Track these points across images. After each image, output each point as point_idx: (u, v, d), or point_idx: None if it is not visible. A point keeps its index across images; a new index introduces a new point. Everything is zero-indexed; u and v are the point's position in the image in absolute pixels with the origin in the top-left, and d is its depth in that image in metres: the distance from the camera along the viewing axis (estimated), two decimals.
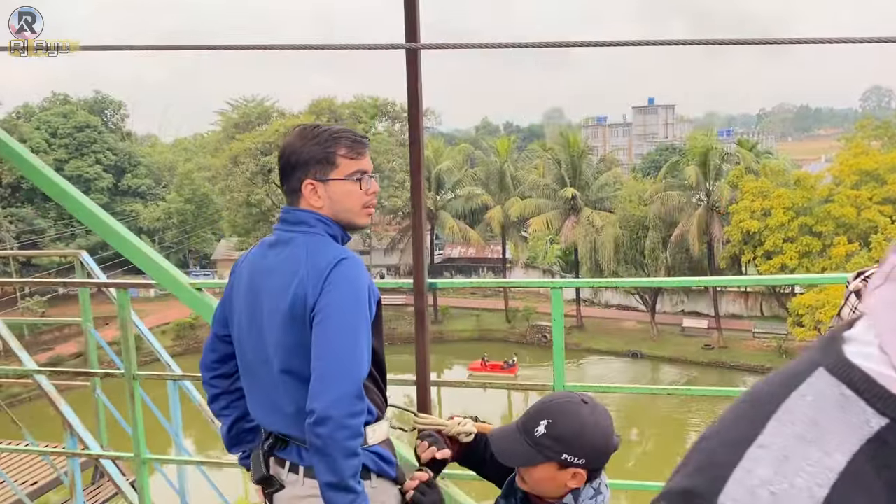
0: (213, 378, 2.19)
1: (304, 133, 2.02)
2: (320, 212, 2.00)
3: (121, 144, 47.14)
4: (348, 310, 1.85)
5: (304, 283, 1.88)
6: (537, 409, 1.84)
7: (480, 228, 41.51)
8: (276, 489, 2.03)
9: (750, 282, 6.52)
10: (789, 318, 29.61)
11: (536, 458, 1.79)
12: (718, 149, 35.93)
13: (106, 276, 5.71)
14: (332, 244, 1.98)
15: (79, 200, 3.44)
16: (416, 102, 2.98)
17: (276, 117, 43.43)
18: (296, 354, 1.91)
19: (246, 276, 2.06)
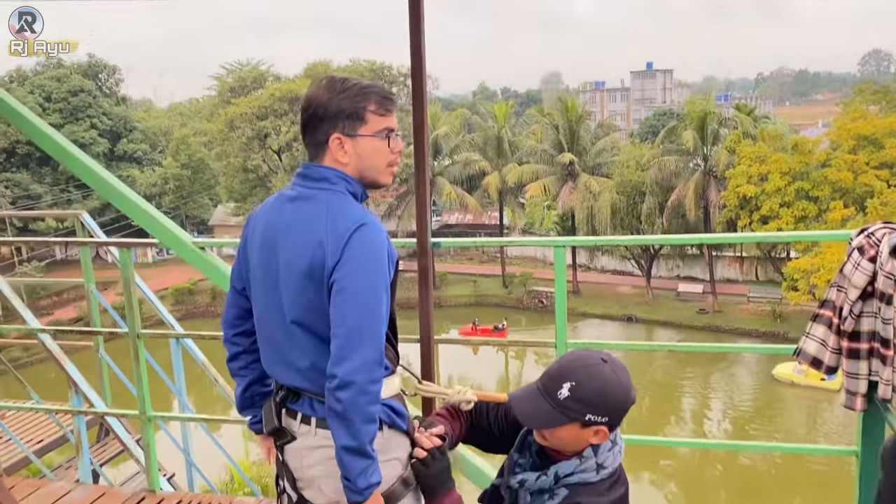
0: (234, 335, 2.18)
1: (332, 85, 1.97)
2: (344, 169, 1.97)
3: (116, 109, 46.70)
4: (368, 277, 1.84)
5: (323, 246, 1.86)
6: (559, 371, 1.83)
7: (478, 194, 41.40)
8: (287, 440, 2.05)
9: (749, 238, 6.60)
10: (784, 283, 29.73)
11: (561, 419, 1.79)
12: (716, 113, 35.75)
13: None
14: (352, 204, 1.95)
15: (81, 160, 3.43)
16: (420, 55, 2.95)
17: (271, 81, 43.01)
18: (314, 313, 1.91)
19: (262, 229, 2.02)
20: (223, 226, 46.30)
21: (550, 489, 1.85)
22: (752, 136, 33.57)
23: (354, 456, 1.83)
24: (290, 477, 2.07)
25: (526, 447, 1.98)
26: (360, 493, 1.86)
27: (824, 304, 2.90)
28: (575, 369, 1.80)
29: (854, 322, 2.73)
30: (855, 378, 2.79)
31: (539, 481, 1.85)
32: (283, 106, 39.28)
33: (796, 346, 2.96)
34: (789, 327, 30.37)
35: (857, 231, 2.80)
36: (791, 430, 23.55)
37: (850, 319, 2.73)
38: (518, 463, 1.96)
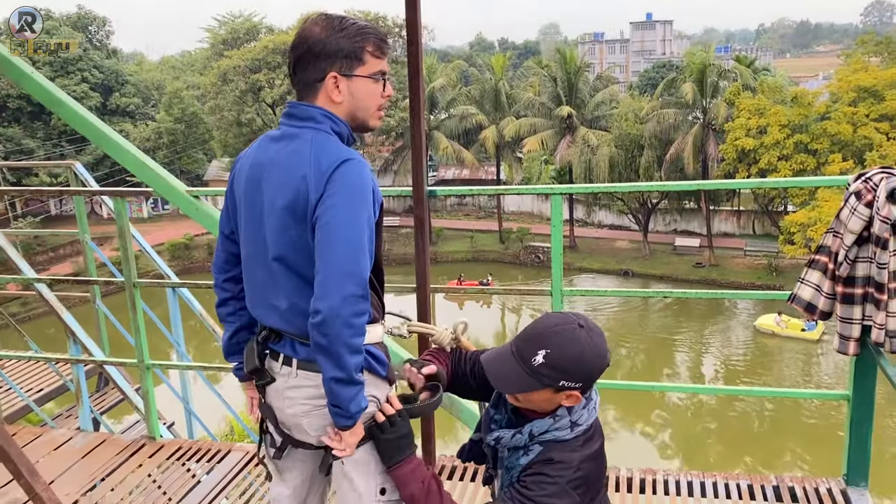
0: (224, 281, 2.17)
1: (330, 23, 1.94)
2: (335, 109, 1.95)
3: (107, 62, 46.03)
4: (351, 211, 1.82)
5: (306, 181, 1.85)
6: (534, 336, 1.79)
7: (475, 149, 41.13)
8: (267, 381, 2.07)
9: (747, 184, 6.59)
10: (780, 237, 29.81)
11: (533, 385, 1.77)
12: (716, 65, 35.36)
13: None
14: (337, 143, 1.93)
15: (75, 110, 3.39)
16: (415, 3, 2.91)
17: (264, 33, 42.35)
18: (297, 251, 1.90)
19: (247, 169, 2.01)
20: (218, 180, 46.03)
21: (525, 446, 1.85)
22: (751, 88, 33.28)
23: (342, 385, 1.84)
24: (273, 418, 2.10)
25: (501, 403, 1.97)
26: (350, 418, 1.89)
27: (820, 249, 2.90)
28: (550, 335, 1.76)
29: (849, 267, 2.74)
30: (849, 323, 2.81)
31: (514, 439, 1.85)
32: (277, 58, 38.75)
33: (791, 292, 2.97)
34: (785, 280, 30.54)
35: (854, 176, 2.79)
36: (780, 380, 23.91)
37: (845, 265, 2.73)
38: (494, 419, 1.95)
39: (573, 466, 1.78)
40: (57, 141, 41.77)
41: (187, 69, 52.48)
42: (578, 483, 1.77)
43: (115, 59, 48.78)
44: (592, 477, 1.82)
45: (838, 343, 2.88)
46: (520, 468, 1.84)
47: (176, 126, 44.36)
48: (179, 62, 57.82)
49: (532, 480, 1.78)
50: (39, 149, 41.47)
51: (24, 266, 3.91)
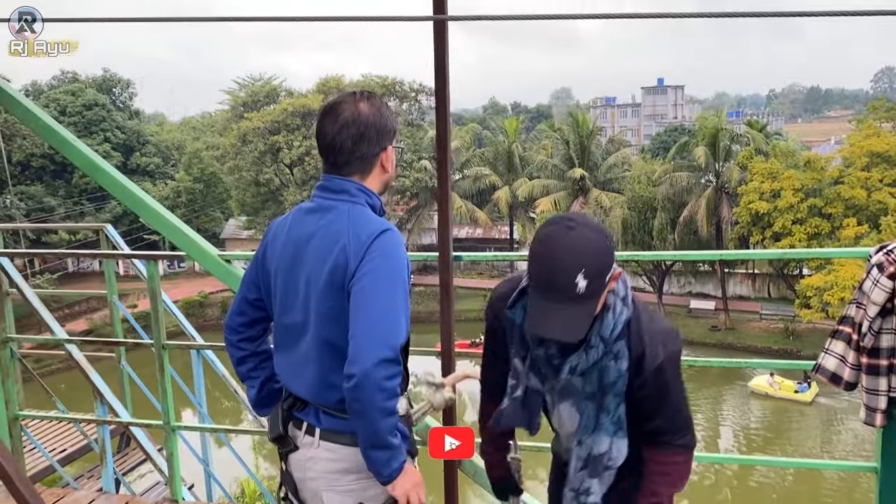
0: (239, 341, 2.20)
1: (377, 103, 2.05)
2: (381, 179, 2.07)
3: (129, 123, 47.15)
4: (387, 277, 1.88)
5: (345, 251, 1.91)
6: (556, 272, 1.67)
7: (488, 209, 41.48)
8: (290, 449, 2.08)
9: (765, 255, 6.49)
10: (797, 300, 29.58)
11: (596, 304, 1.73)
12: (728, 130, 35.74)
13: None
14: (373, 214, 2.01)
15: (113, 175, 3.51)
16: (444, 74, 3.01)
17: (284, 96, 43.32)
18: (332, 322, 1.94)
19: (284, 241, 2.07)
20: (234, 239, 46.52)
21: (607, 352, 1.81)
22: (764, 152, 33.53)
23: (378, 450, 1.87)
24: (293, 486, 2.11)
25: (535, 341, 1.89)
26: (388, 478, 1.92)
27: (843, 320, 2.92)
28: (565, 258, 1.66)
29: (873, 338, 2.75)
30: (875, 394, 2.81)
31: (591, 355, 1.81)
32: (296, 120, 39.55)
33: (815, 362, 2.98)
34: (802, 345, 30.17)
35: (876, 248, 2.83)
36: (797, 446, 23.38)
37: (869, 336, 2.75)
38: (549, 356, 1.88)
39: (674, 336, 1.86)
40: (78, 199, 42.50)
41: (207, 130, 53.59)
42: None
43: (137, 120, 49.97)
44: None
45: (865, 415, 2.87)
46: (622, 374, 1.81)
47: (195, 185, 45.09)
48: (200, 123, 59.11)
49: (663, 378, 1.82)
50: (60, 206, 42.18)
51: (55, 326, 3.99)
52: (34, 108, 3.62)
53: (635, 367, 1.81)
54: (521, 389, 1.97)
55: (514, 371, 1.99)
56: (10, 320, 3.89)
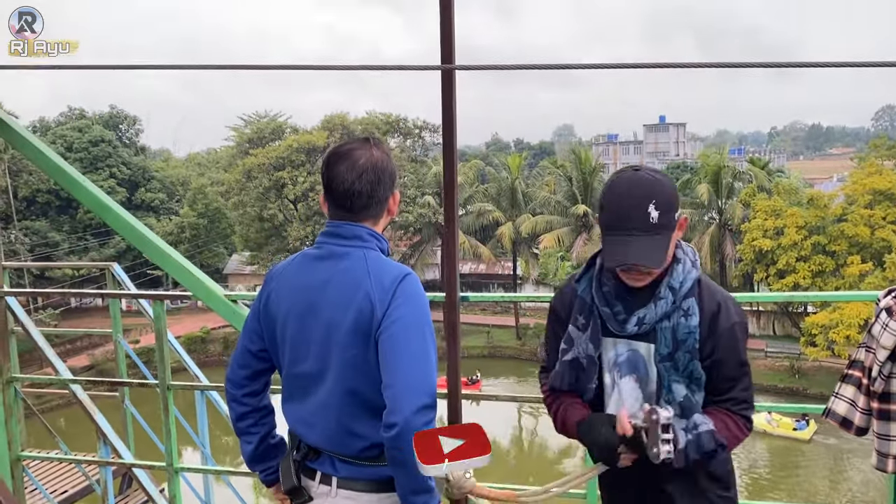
0: (244, 395, 2.15)
1: (383, 148, 2.08)
2: (386, 222, 2.09)
3: (135, 159, 47.55)
4: (416, 323, 1.88)
5: (370, 298, 1.89)
6: (628, 201, 1.78)
7: (491, 245, 41.53)
8: (304, 500, 2.05)
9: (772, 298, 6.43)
10: (802, 338, 29.43)
11: (670, 235, 1.83)
12: (730, 167, 35.98)
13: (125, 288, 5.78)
14: (390, 260, 2.02)
15: (120, 215, 3.53)
16: (451, 122, 3.05)
17: (289, 133, 43.72)
18: (356, 370, 1.92)
19: (291, 289, 2.04)
20: (237, 274, 46.56)
21: (678, 307, 1.85)
22: (766, 189, 33.68)
23: (419, 495, 1.88)
24: None
25: (602, 299, 1.93)
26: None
27: (853, 364, 2.90)
28: (636, 191, 1.78)
29: (884, 383, 2.73)
30: (886, 440, 2.78)
31: (659, 307, 1.84)
32: (301, 157, 39.86)
33: (825, 406, 2.96)
34: (809, 383, 29.92)
35: (884, 292, 2.82)
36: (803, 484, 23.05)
37: (879, 381, 2.73)
38: (615, 313, 1.91)
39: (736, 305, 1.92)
40: (82, 234, 42.68)
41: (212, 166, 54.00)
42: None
43: (143, 156, 50.40)
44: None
45: (876, 460, 2.84)
46: (693, 331, 1.84)
47: (199, 221, 45.28)
48: (205, 159, 59.57)
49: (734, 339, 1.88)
50: (64, 242, 42.34)
51: (59, 365, 3.97)
52: (41, 147, 3.65)
53: (709, 326, 1.86)
54: (571, 354, 1.98)
55: (567, 337, 2.00)
56: (14, 359, 3.88)
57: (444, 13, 2.78)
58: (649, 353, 1.91)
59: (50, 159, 3.57)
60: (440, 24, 2.83)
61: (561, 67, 2.14)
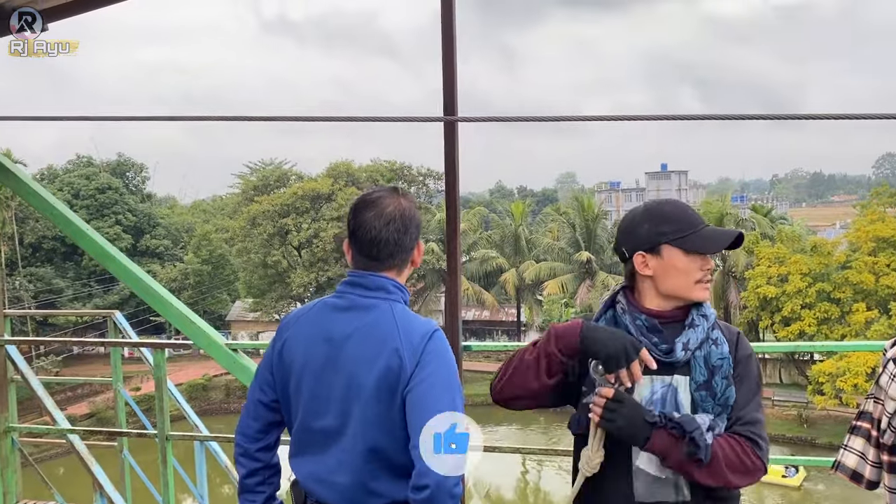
0: (258, 451, 2.08)
1: (408, 196, 2.08)
2: (408, 273, 2.07)
3: (141, 206, 47.91)
4: (445, 383, 1.85)
5: (399, 354, 1.86)
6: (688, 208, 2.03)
7: (495, 291, 41.52)
8: None
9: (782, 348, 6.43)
10: (809, 386, 29.13)
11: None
12: (733, 214, 36.14)
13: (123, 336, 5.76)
14: (416, 315, 2.00)
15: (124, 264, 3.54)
16: (454, 171, 3.09)
17: (294, 180, 44.12)
18: (380, 428, 1.88)
19: (309, 340, 1.99)
20: (240, 321, 46.45)
21: (707, 336, 1.91)
22: (769, 236, 33.76)
23: None
24: None
25: (642, 331, 1.93)
26: None
27: (861, 415, 2.85)
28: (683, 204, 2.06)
29: (894, 435, 2.68)
30: None
31: (698, 332, 1.90)
32: (305, 203, 40.15)
33: (835, 459, 2.90)
34: (817, 433, 29.50)
35: (891, 342, 2.79)
36: None
37: (889, 432, 2.68)
38: (654, 343, 1.91)
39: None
40: (86, 281, 42.76)
41: (217, 213, 54.38)
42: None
43: (149, 203, 50.79)
44: None
45: None
46: (725, 356, 1.90)
47: (203, 267, 45.39)
48: (210, 206, 60.01)
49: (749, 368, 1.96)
50: (69, 288, 42.40)
51: (58, 416, 3.94)
52: (47, 196, 3.69)
53: (733, 352, 1.94)
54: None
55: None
56: (13, 409, 3.85)
57: (447, 67, 2.83)
58: (685, 384, 1.91)
59: (55, 208, 3.60)
60: (443, 78, 2.88)
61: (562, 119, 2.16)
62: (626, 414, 1.83)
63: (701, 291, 1.98)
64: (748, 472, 1.88)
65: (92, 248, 3.61)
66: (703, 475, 1.85)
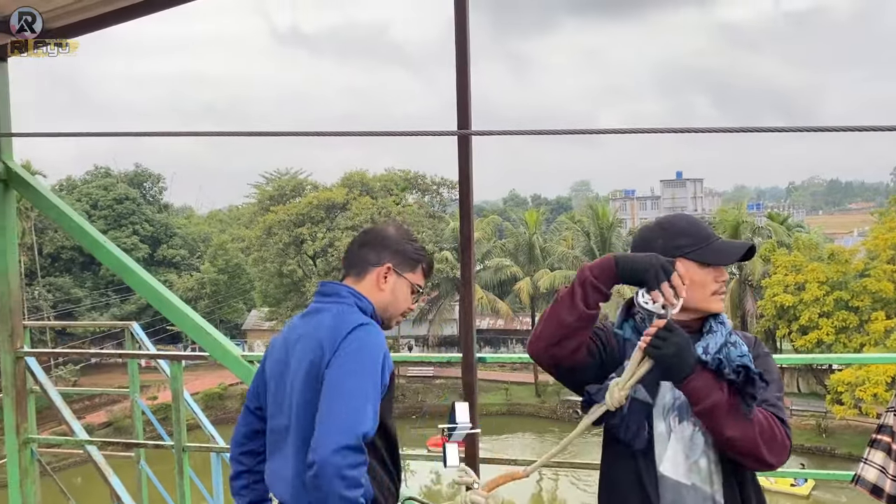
0: (241, 454, 2.20)
1: (406, 232, 2.17)
2: (373, 296, 2.08)
3: (158, 216, 48.29)
4: (356, 368, 1.88)
5: (322, 346, 1.94)
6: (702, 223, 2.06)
7: (509, 300, 41.42)
8: None
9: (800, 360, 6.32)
10: (828, 396, 28.79)
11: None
12: (749, 222, 35.88)
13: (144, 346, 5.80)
14: (357, 313, 2.02)
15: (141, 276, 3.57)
16: (468, 183, 3.10)
17: (309, 190, 44.33)
18: (310, 418, 1.92)
19: (277, 347, 2.13)
20: (256, 330, 46.63)
21: (725, 343, 1.86)
22: (786, 244, 33.47)
23: None
24: None
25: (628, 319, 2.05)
26: None
27: (881, 429, 2.83)
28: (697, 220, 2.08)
29: None
30: None
31: (716, 337, 1.87)
32: (320, 213, 40.31)
33: (854, 473, 2.87)
34: (836, 442, 29.15)
35: None
36: None
37: None
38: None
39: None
40: (104, 290, 43.11)
41: (234, 223, 54.71)
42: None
43: (166, 213, 51.19)
44: None
45: None
46: (745, 353, 1.86)
47: (219, 276, 45.64)
48: (226, 216, 60.41)
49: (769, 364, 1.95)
50: (87, 298, 42.76)
51: (76, 426, 3.97)
52: (65, 207, 3.73)
53: (751, 351, 1.92)
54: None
55: (620, 369, 1.93)
56: (32, 420, 3.89)
57: (461, 80, 2.84)
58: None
59: (72, 219, 3.64)
60: (457, 91, 2.89)
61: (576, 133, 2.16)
62: (676, 342, 1.77)
63: (717, 303, 1.99)
64: (776, 443, 1.83)
65: (108, 259, 3.65)
66: (736, 430, 1.78)
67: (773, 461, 1.84)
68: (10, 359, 3.77)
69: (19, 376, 3.81)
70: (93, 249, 3.73)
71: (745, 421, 1.79)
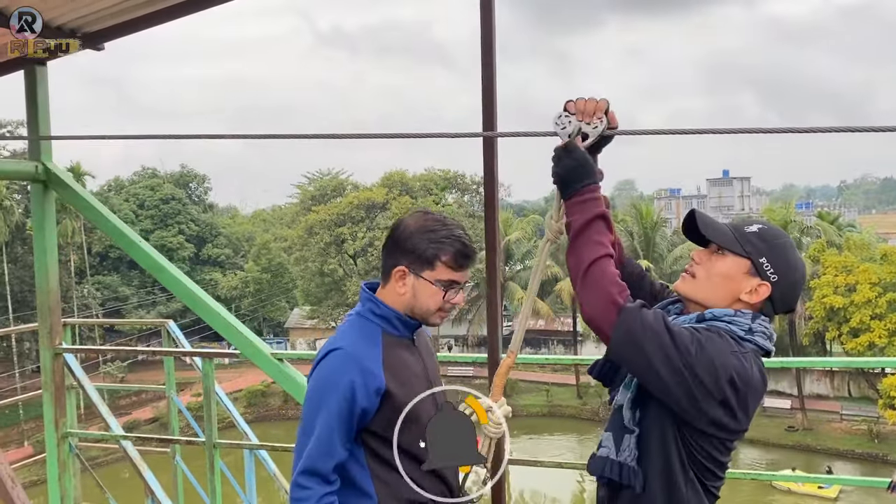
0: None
1: (424, 223, 2.01)
2: (394, 299, 2.01)
3: (203, 216, 49.22)
4: (314, 405, 1.91)
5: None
6: (752, 221, 1.88)
7: (550, 300, 41.11)
8: None
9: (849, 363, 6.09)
10: (880, 400, 27.97)
11: (735, 246, 1.77)
12: (797, 222, 35.05)
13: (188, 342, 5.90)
14: (354, 330, 2.00)
15: (173, 275, 3.63)
16: (492, 185, 3.08)
17: (350, 190, 44.70)
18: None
19: None
20: (298, 328, 47.20)
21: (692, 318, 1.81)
22: (836, 244, 32.63)
23: None
24: None
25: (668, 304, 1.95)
26: None
27: None
28: (769, 225, 1.85)
29: None
30: None
31: (681, 319, 1.79)
32: (361, 213, 40.62)
33: (890, 480, 2.78)
34: (889, 448, 28.34)
35: None
36: None
37: None
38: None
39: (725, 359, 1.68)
40: (150, 289, 44.09)
41: (277, 222, 55.48)
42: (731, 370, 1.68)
43: (211, 213, 52.15)
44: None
45: None
46: (685, 319, 1.83)
47: (262, 275, 46.32)
48: (270, 216, 61.26)
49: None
50: (134, 296, 43.77)
51: (112, 422, 4.06)
52: (102, 209, 3.81)
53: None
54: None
55: None
56: (71, 415, 3.98)
57: (486, 83, 2.83)
58: None
59: (108, 220, 3.72)
60: (482, 93, 2.87)
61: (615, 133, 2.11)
62: (567, 163, 1.86)
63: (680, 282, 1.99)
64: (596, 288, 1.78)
65: (143, 259, 3.72)
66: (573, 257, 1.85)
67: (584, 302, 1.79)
68: (49, 355, 3.87)
69: (58, 372, 3.90)
70: (128, 249, 3.80)
71: (591, 255, 1.80)
